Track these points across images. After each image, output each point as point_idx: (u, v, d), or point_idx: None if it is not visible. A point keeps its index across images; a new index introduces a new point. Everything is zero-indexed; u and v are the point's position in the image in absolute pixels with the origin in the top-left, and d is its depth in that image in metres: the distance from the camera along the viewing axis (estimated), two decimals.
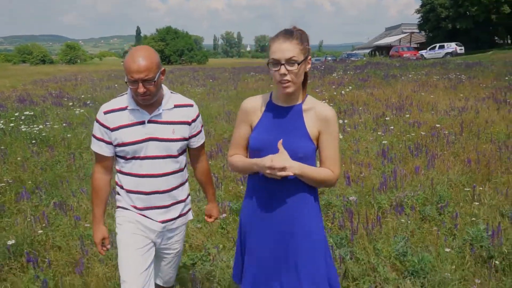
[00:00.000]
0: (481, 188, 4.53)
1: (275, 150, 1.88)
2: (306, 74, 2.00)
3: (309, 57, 1.96)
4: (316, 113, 1.99)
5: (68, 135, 8.04)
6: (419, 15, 54.27)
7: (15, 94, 15.32)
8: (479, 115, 8.57)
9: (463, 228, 3.70)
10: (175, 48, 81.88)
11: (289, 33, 1.90)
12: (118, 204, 2.37)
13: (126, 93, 2.26)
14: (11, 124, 8.56)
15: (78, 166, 6.34)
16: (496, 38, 51.02)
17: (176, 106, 2.27)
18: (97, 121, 2.24)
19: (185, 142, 2.32)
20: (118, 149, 2.23)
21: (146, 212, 2.28)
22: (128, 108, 2.21)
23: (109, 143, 2.24)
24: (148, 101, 2.16)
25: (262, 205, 2.02)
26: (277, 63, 1.88)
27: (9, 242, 3.65)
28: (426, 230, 3.82)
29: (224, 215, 4.26)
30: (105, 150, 2.25)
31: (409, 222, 3.87)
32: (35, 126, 8.43)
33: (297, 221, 1.98)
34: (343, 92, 13.19)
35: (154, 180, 2.24)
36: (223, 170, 5.91)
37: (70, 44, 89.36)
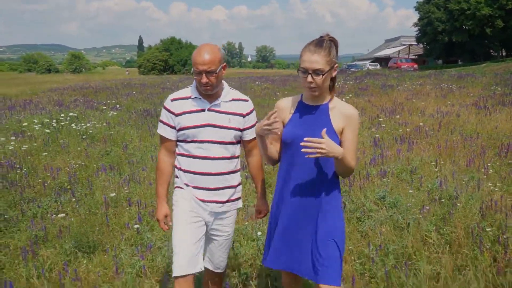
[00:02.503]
0: (442, 162, 6.06)
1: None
2: (334, 78, 2.26)
3: (336, 65, 2.22)
4: (341, 110, 2.26)
5: (111, 132, 9.50)
6: (417, 28, 55.90)
7: (45, 100, 16.80)
8: (460, 118, 10.04)
9: (426, 185, 5.19)
10: (179, 58, 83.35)
11: (319, 45, 2.16)
12: (175, 185, 2.61)
13: (192, 85, 2.56)
14: (62, 123, 10.03)
15: (128, 155, 7.79)
16: (491, 50, 52.66)
17: (233, 100, 2.55)
18: (164, 108, 2.55)
19: (239, 132, 2.56)
20: (180, 133, 2.51)
21: (196, 191, 2.52)
22: (191, 97, 2.51)
23: (173, 127, 2.52)
24: (209, 91, 2.44)
25: (289, 191, 2.29)
26: (305, 71, 2.16)
27: (112, 194, 5.14)
28: (400, 187, 5.31)
29: None
30: (169, 134, 2.54)
31: (388, 181, 5.36)
32: (82, 124, 9.89)
33: (322, 200, 2.28)
34: (343, 99, 14.68)
35: (206, 162, 2.49)
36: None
37: (74, 54, 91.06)
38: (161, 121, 2.55)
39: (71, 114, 11.13)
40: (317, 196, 2.26)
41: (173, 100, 2.53)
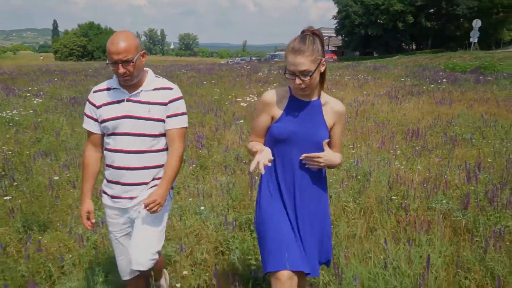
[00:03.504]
0: (358, 145, 6.84)
1: (300, 139, 2.21)
2: (323, 73, 2.22)
3: (323, 60, 2.16)
4: (333, 107, 2.30)
5: (39, 120, 9.40)
6: (336, 21, 58.28)
7: None
8: (374, 107, 11.03)
9: (345, 164, 5.87)
10: (98, 44, 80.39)
11: (302, 42, 2.10)
12: (102, 187, 2.58)
13: (113, 76, 2.45)
14: None
15: (61, 141, 7.84)
16: (403, 44, 56.32)
17: (156, 89, 2.42)
18: (88, 100, 2.48)
19: (162, 123, 2.42)
20: (102, 125, 2.43)
21: (115, 187, 2.45)
22: (111, 88, 2.42)
23: (96, 120, 2.45)
24: (129, 81, 2.33)
25: (283, 187, 2.27)
26: (292, 73, 2.12)
27: (55, 178, 5.33)
28: None
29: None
30: (93, 127, 2.47)
31: None
32: (8, 112, 9.67)
33: (316, 195, 2.31)
34: (269, 88, 15.33)
35: (126, 156, 2.38)
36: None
37: None
38: (85, 114, 2.49)
39: None
40: (312, 191, 2.28)
41: (95, 91, 2.46)
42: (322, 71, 2.18)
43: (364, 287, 2.60)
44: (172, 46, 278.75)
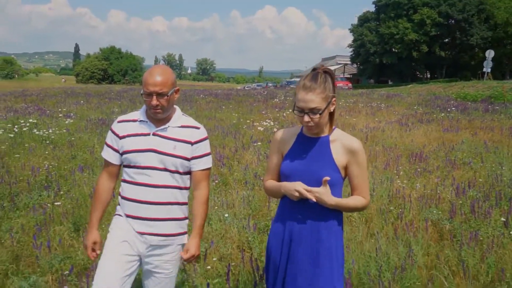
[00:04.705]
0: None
1: (303, 177, 2.12)
2: (332, 113, 2.19)
3: (334, 99, 2.13)
4: (343, 145, 2.18)
5: (72, 138, 10.24)
6: (351, 49, 59.36)
7: None
8: (384, 133, 11.68)
9: None
10: (119, 68, 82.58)
11: (313, 80, 2.06)
12: (116, 212, 2.47)
13: (141, 109, 2.43)
14: (24, 129, 10.63)
15: (94, 158, 8.62)
16: (417, 72, 57.05)
17: (183, 126, 2.40)
18: (111, 129, 2.43)
19: (186, 162, 2.38)
20: (123, 157, 2.38)
21: (135, 222, 2.36)
22: (138, 120, 2.38)
23: (116, 150, 2.40)
24: (159, 115, 2.31)
25: (290, 229, 2.19)
26: (301, 111, 2.07)
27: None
28: None
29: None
30: (111, 157, 2.42)
31: None
32: (44, 131, 10.56)
33: (322, 243, 2.15)
34: (284, 114, 16.07)
35: (147, 190, 2.32)
36: None
37: (6, 59, 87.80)
38: (106, 143, 2.45)
39: (30, 120, 11.70)
40: (318, 232, 2.16)
41: (119, 122, 2.43)
42: (332, 110, 2.17)
43: (360, 266, 3.25)
44: (189, 71, 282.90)
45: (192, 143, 2.38)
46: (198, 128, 2.43)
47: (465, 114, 15.69)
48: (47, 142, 9.81)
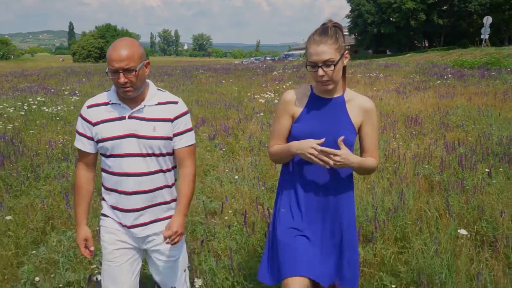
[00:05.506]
0: None
1: (320, 139, 1.99)
2: (344, 67, 2.08)
3: (346, 52, 2.02)
4: (358, 104, 2.11)
5: None
6: (349, 20, 59.06)
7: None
8: (382, 101, 12.06)
9: None
10: None
11: (324, 33, 1.97)
12: (102, 211, 2.33)
13: (111, 89, 2.21)
14: (34, 106, 11.02)
15: None
16: (415, 41, 56.94)
17: (160, 103, 2.19)
18: (80, 116, 2.19)
19: (169, 141, 2.20)
20: (99, 145, 2.17)
21: (122, 215, 2.22)
22: (109, 102, 2.16)
23: (91, 138, 2.18)
24: (129, 94, 2.07)
25: (304, 192, 2.14)
26: (314, 65, 1.97)
27: None
28: None
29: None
30: (87, 147, 2.21)
31: None
32: (53, 108, 10.95)
33: (339, 200, 2.14)
34: (284, 86, 16.41)
35: (130, 179, 2.15)
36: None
37: (1, 39, 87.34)
38: (78, 132, 2.22)
39: (39, 98, 12.08)
40: (334, 196, 2.13)
41: (89, 106, 2.18)
42: (345, 64, 2.06)
43: (358, 211, 3.71)
44: (186, 47, 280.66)
45: (172, 120, 2.19)
46: (176, 102, 2.23)
47: (461, 81, 16.03)
48: (57, 118, 10.20)
